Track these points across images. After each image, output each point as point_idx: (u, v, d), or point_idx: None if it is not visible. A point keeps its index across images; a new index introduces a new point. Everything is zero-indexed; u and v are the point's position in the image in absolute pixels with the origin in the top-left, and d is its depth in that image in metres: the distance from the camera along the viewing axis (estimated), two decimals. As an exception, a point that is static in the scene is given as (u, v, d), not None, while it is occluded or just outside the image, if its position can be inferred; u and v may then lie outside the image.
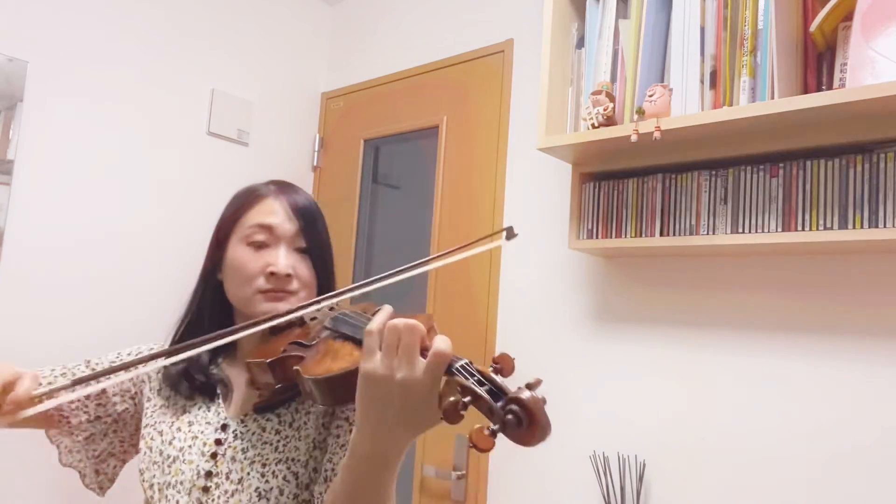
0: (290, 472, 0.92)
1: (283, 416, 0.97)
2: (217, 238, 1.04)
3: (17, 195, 1.82)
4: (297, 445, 0.94)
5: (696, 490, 1.50)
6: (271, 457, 0.93)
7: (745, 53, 1.31)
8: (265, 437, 0.94)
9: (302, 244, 1.00)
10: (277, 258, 0.96)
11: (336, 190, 2.50)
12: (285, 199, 1.01)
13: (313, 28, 2.60)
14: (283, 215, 0.99)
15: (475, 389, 0.65)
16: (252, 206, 1.01)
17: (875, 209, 1.21)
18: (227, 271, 1.00)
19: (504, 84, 2.01)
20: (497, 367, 0.70)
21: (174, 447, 0.95)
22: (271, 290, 0.96)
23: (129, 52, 2.06)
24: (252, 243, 0.98)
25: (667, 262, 1.61)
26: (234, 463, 0.92)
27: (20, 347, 1.83)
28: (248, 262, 0.97)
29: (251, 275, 0.96)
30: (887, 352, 1.31)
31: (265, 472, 0.92)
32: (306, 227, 1.00)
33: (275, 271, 0.95)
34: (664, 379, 1.58)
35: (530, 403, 0.62)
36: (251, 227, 0.98)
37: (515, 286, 1.91)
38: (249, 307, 0.97)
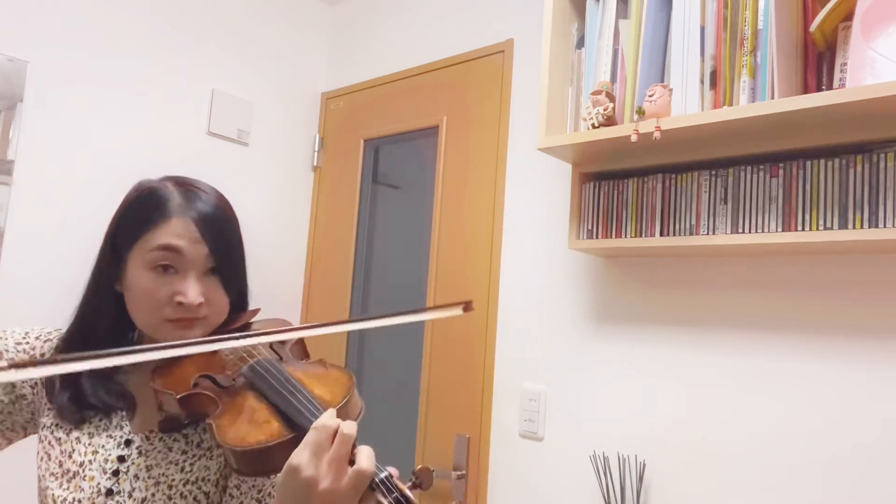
0: (200, 492, 0.89)
1: (191, 437, 0.92)
2: (113, 246, 0.95)
3: (17, 195, 1.83)
4: (206, 465, 0.91)
5: (696, 490, 1.50)
6: (177, 477, 0.89)
7: (745, 53, 1.31)
8: (171, 457, 0.90)
9: (211, 265, 0.92)
10: (186, 288, 0.89)
11: (336, 190, 2.50)
12: (193, 213, 0.92)
13: (313, 28, 2.60)
14: (190, 237, 0.90)
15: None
16: (156, 225, 0.90)
17: (875, 209, 1.21)
18: (129, 291, 0.92)
19: (504, 84, 2.01)
20: (416, 482, 0.73)
21: (74, 461, 0.89)
22: (180, 319, 0.90)
23: (129, 52, 2.06)
24: (157, 267, 0.89)
25: (667, 262, 1.61)
26: (138, 481, 0.88)
27: (20, 347, 1.83)
28: (153, 289, 0.89)
29: (158, 303, 0.89)
30: (888, 352, 1.31)
31: (172, 493, 0.88)
32: (216, 246, 0.92)
33: (183, 302, 0.88)
34: (664, 379, 1.58)
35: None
36: (156, 249, 0.89)
37: (515, 286, 1.91)
38: (156, 334, 0.91)
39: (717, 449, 1.48)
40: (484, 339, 1.94)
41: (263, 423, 0.79)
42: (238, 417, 0.81)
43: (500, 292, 1.94)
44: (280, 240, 2.47)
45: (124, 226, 0.95)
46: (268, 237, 2.43)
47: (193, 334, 0.90)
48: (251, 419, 0.81)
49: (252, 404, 0.83)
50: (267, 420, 0.80)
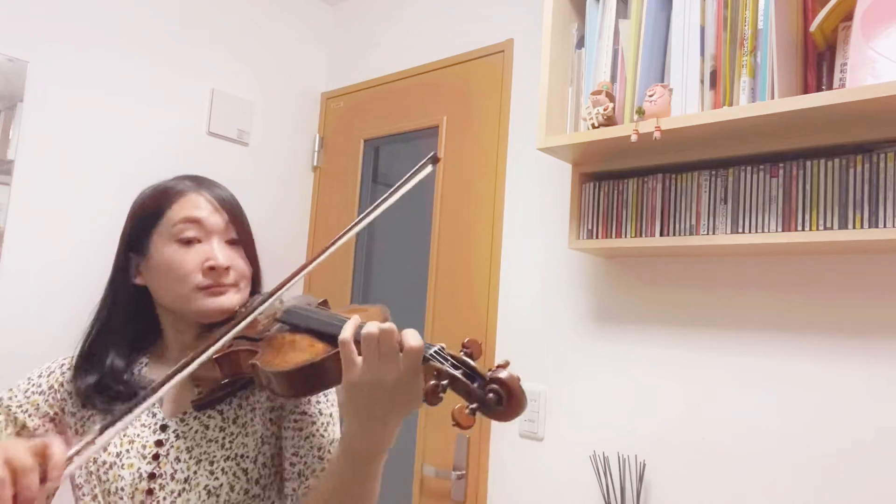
0: (239, 469, 0.91)
1: (226, 413, 0.95)
2: (130, 241, 0.98)
3: (17, 195, 1.83)
4: (244, 442, 0.93)
5: (696, 490, 1.50)
6: (218, 454, 0.91)
7: (745, 53, 1.31)
8: (209, 434, 0.92)
9: (233, 235, 0.97)
10: (214, 252, 0.93)
11: (336, 190, 2.50)
12: (207, 192, 0.97)
13: (313, 28, 2.60)
14: (210, 208, 0.95)
15: (451, 373, 0.71)
16: (172, 203, 0.95)
17: (875, 209, 1.21)
18: (154, 273, 0.95)
19: (504, 84, 2.01)
20: (468, 352, 0.74)
21: (109, 453, 0.91)
22: (212, 285, 0.92)
23: (129, 52, 2.06)
24: (181, 240, 0.93)
25: (667, 262, 1.61)
26: (179, 463, 0.90)
27: (20, 347, 1.83)
28: (182, 259, 0.92)
29: (188, 272, 0.92)
30: (888, 351, 1.31)
31: (213, 469, 0.90)
32: (234, 218, 0.98)
33: (214, 265, 0.92)
34: (664, 379, 1.58)
35: (509, 381, 0.69)
36: (178, 223, 0.93)
37: (515, 286, 1.91)
38: (188, 305, 0.93)
39: (717, 449, 1.48)
40: (484, 339, 1.94)
41: (307, 347, 0.83)
42: (281, 350, 0.84)
43: (500, 292, 1.94)
44: (280, 240, 2.47)
45: (140, 219, 0.97)
46: (268, 237, 2.42)
47: (230, 298, 0.94)
48: (294, 348, 0.84)
49: (291, 338, 0.86)
50: (310, 344, 0.83)
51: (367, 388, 0.74)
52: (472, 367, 0.72)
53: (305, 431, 0.93)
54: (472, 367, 0.72)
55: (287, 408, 0.96)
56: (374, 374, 0.73)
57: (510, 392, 0.68)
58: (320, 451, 0.92)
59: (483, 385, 0.70)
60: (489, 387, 0.69)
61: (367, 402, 0.75)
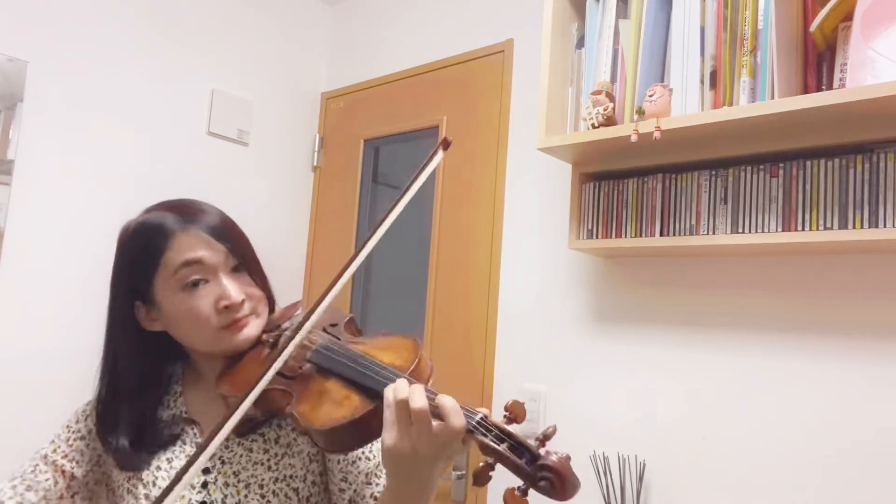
0: (290, 489, 0.91)
1: (268, 435, 0.94)
2: (130, 289, 0.95)
3: (17, 195, 1.82)
4: (290, 462, 0.92)
5: (696, 490, 1.50)
6: (266, 476, 0.91)
7: (745, 53, 1.31)
8: (254, 457, 0.92)
9: (235, 263, 0.93)
10: (225, 290, 0.90)
11: (336, 190, 2.50)
12: (196, 227, 0.91)
13: (313, 28, 2.60)
14: (205, 243, 0.91)
15: (498, 449, 0.69)
16: (166, 248, 0.90)
17: (875, 209, 1.21)
18: (172, 323, 0.92)
19: (504, 84, 2.01)
20: (510, 416, 0.72)
21: (159, 488, 0.89)
22: (232, 323, 0.91)
23: (129, 52, 2.06)
24: (187, 286, 0.89)
25: (667, 262, 1.61)
26: (228, 488, 0.89)
27: (20, 347, 1.83)
28: (195, 306, 0.89)
29: (205, 317, 0.89)
30: (888, 351, 1.31)
31: (264, 492, 0.90)
32: (232, 245, 0.93)
33: (228, 304, 0.90)
34: (664, 379, 1.58)
35: (559, 467, 0.66)
36: (179, 268, 0.89)
37: (515, 286, 1.90)
38: (216, 345, 0.92)
39: (717, 449, 1.48)
40: (484, 339, 1.94)
41: (343, 400, 0.80)
42: (317, 401, 0.82)
43: (500, 292, 1.94)
44: (280, 240, 2.47)
45: (137, 267, 0.94)
46: (268, 237, 2.42)
47: (251, 329, 0.92)
48: (330, 399, 0.81)
49: (326, 386, 0.84)
50: (346, 396, 0.81)
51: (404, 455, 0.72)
52: (519, 440, 0.69)
53: (352, 456, 0.93)
54: (518, 441, 0.69)
55: None
56: (412, 445, 0.72)
57: (562, 479, 0.66)
58: (367, 477, 0.92)
59: (531, 461, 0.68)
60: (540, 474, 0.67)
61: (407, 465, 0.74)
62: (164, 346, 0.97)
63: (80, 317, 1.94)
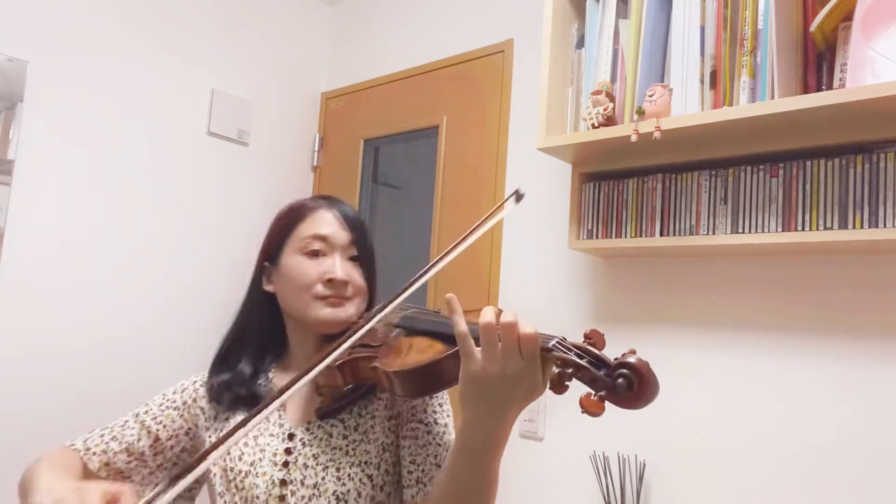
0: (364, 475, 0.95)
1: (348, 422, 1.00)
2: (266, 251, 1.07)
3: (17, 195, 1.83)
4: (367, 449, 0.97)
5: (696, 490, 1.50)
6: (344, 461, 0.96)
7: (745, 53, 1.31)
8: (333, 442, 0.97)
9: (354, 253, 1.04)
10: (334, 266, 1.00)
11: (336, 190, 2.50)
12: (337, 211, 1.05)
13: (313, 28, 2.60)
14: (337, 225, 1.03)
15: (576, 361, 0.70)
16: (305, 218, 1.04)
17: (875, 209, 1.21)
18: (281, 281, 1.03)
19: (504, 84, 2.01)
20: (591, 342, 0.73)
21: (244, 462, 0.97)
22: (330, 296, 0.99)
23: (129, 52, 2.06)
24: (308, 252, 1.01)
25: (667, 262, 1.61)
26: (307, 469, 0.95)
27: (20, 347, 1.83)
28: (305, 270, 1.00)
29: (310, 282, 0.99)
30: (888, 351, 1.31)
31: (340, 475, 0.95)
32: (358, 237, 1.04)
33: (333, 278, 0.99)
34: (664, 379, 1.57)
35: (639, 365, 0.67)
36: (306, 237, 1.01)
37: (515, 286, 1.90)
38: (307, 313, 1.00)
39: (717, 449, 1.48)
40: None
41: (427, 348, 0.85)
42: (400, 353, 0.87)
43: (500, 292, 1.94)
44: (280, 240, 2.47)
45: (276, 233, 1.06)
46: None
47: (347, 310, 1.01)
48: (415, 349, 0.86)
49: (410, 341, 0.89)
50: (429, 345, 0.86)
51: (486, 381, 0.75)
52: (597, 355, 0.70)
53: (422, 440, 0.97)
54: (596, 356, 0.70)
55: (404, 416, 1.00)
56: (493, 366, 0.74)
57: (640, 376, 0.67)
58: (436, 459, 0.96)
59: (610, 372, 0.68)
60: (617, 371, 0.67)
61: (487, 395, 0.75)
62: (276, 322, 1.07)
63: (80, 316, 1.94)
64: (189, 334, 2.19)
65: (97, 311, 1.98)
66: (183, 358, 2.17)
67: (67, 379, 1.92)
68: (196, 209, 2.21)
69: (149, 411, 1.05)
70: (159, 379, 2.10)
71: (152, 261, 2.10)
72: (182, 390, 1.08)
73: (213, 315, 2.26)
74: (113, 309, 2.01)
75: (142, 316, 2.07)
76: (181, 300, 2.17)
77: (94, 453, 1.00)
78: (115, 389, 2.00)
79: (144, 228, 2.09)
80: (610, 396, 0.68)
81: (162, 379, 2.13)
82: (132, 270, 2.05)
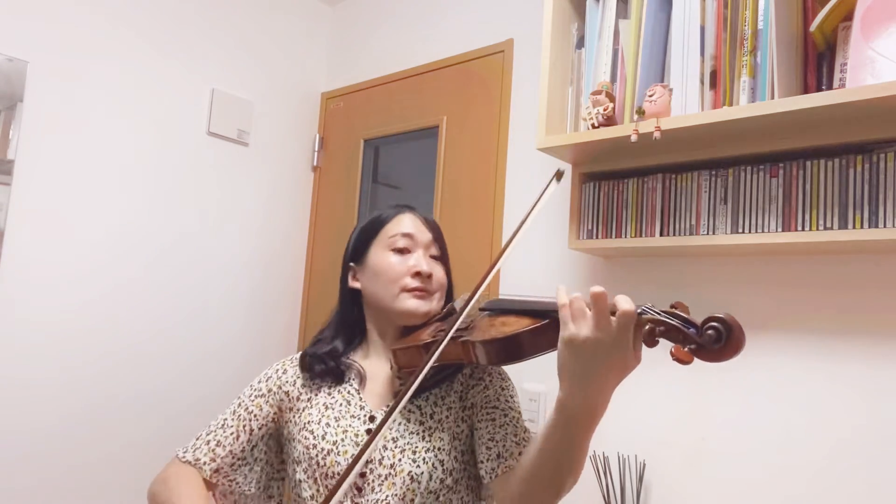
0: (436, 460, 1.03)
1: (424, 409, 1.08)
2: (352, 252, 1.17)
3: (17, 195, 1.83)
4: (440, 436, 1.05)
5: (696, 490, 1.50)
6: (419, 445, 1.04)
7: (745, 53, 1.31)
8: (410, 427, 1.06)
9: (435, 252, 1.15)
10: (420, 261, 1.11)
11: (336, 190, 2.50)
12: (417, 215, 1.17)
13: (313, 28, 2.60)
14: (419, 226, 1.15)
15: (667, 321, 0.76)
16: (389, 220, 1.15)
17: (875, 209, 1.21)
18: (369, 275, 1.13)
19: (504, 84, 2.01)
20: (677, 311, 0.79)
21: (327, 441, 1.05)
22: (416, 289, 1.09)
23: (129, 52, 2.06)
24: (395, 249, 1.11)
25: (667, 263, 1.61)
26: (386, 451, 1.03)
27: (20, 347, 1.83)
28: (394, 264, 1.10)
29: (398, 274, 1.10)
30: (888, 351, 1.31)
31: (416, 458, 1.02)
32: (438, 237, 1.17)
33: (420, 271, 1.09)
34: (664, 379, 1.58)
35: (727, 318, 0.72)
36: (393, 235, 1.12)
37: (515, 286, 1.90)
38: (394, 304, 1.10)
39: (717, 449, 1.48)
40: (484, 339, 1.94)
41: (514, 322, 0.91)
42: (490, 327, 0.94)
43: (500, 292, 1.94)
44: (280, 240, 2.47)
45: (362, 237, 1.17)
46: (268, 237, 2.43)
47: (432, 303, 1.11)
48: (503, 324, 0.92)
49: (499, 319, 0.95)
50: (517, 319, 0.92)
51: (583, 350, 0.79)
52: (686, 317, 0.75)
53: (499, 421, 1.04)
54: (685, 318, 0.75)
55: (478, 405, 1.08)
56: (586, 330, 0.79)
57: (729, 328, 0.71)
58: (516, 437, 1.02)
59: (699, 328, 0.73)
60: (708, 324, 0.72)
61: (584, 365, 0.80)
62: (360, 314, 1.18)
63: (80, 316, 1.94)
64: (189, 333, 2.19)
65: (97, 311, 1.98)
66: (183, 357, 2.17)
67: (68, 378, 1.92)
68: (196, 209, 2.21)
69: (241, 403, 1.14)
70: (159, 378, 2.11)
71: (152, 260, 2.10)
72: (266, 379, 1.16)
73: (214, 314, 2.26)
74: (113, 308, 2.01)
75: (142, 315, 2.07)
76: (181, 299, 2.17)
77: (203, 462, 1.09)
78: (115, 389, 2.00)
79: (144, 228, 2.09)
80: (699, 350, 0.73)
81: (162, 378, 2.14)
82: (132, 270, 2.05)
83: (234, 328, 2.31)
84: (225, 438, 1.11)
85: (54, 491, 1.87)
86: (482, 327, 0.96)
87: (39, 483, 1.84)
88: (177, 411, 2.13)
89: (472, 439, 1.08)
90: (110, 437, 1.99)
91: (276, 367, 1.19)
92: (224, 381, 2.25)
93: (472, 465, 1.08)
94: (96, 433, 1.96)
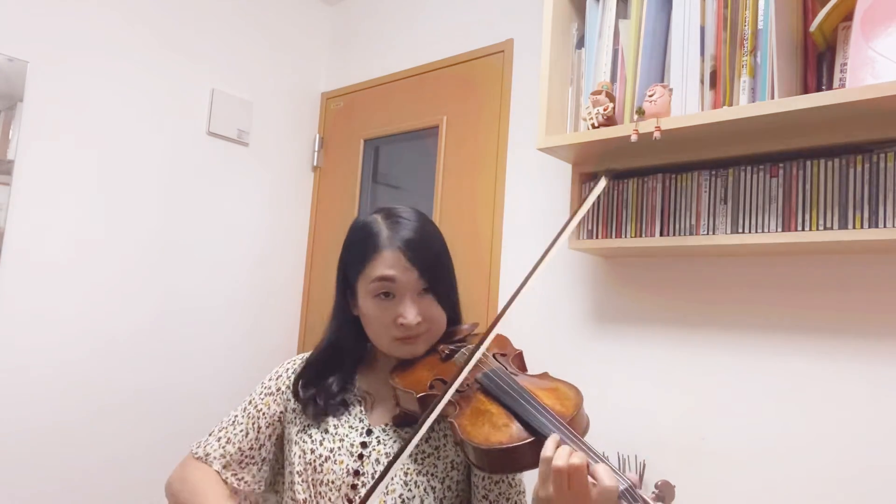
0: (428, 486, 1.01)
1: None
2: (345, 278, 1.11)
3: (17, 195, 1.83)
4: (434, 463, 1.02)
5: (696, 490, 1.50)
6: (412, 468, 1.01)
7: (745, 53, 1.31)
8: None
9: (423, 286, 1.04)
10: (405, 311, 1.03)
11: (336, 190, 2.50)
12: (399, 244, 1.03)
13: (313, 28, 2.60)
14: (401, 266, 1.02)
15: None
16: (373, 257, 1.04)
17: (875, 209, 1.21)
18: (363, 317, 1.08)
19: (504, 84, 2.01)
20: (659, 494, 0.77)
21: (325, 448, 1.04)
22: (404, 337, 1.04)
23: (129, 52, 2.06)
24: (377, 296, 1.03)
25: (667, 262, 1.61)
26: (379, 465, 1.01)
27: (20, 347, 1.83)
28: (379, 315, 1.04)
29: (385, 326, 1.04)
30: (888, 351, 1.31)
31: (407, 480, 1.00)
32: (424, 268, 1.04)
33: (404, 323, 1.03)
34: (664, 379, 1.58)
35: None
36: (374, 281, 1.03)
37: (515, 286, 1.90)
38: (387, 349, 1.07)
39: (717, 449, 1.48)
40: (484, 339, 1.94)
41: (503, 426, 0.87)
42: (478, 419, 0.89)
43: (500, 292, 1.94)
44: (280, 240, 2.47)
45: (349, 262, 1.09)
46: (268, 237, 2.43)
47: (418, 347, 1.06)
48: (490, 421, 0.88)
49: (488, 408, 0.91)
50: (506, 424, 0.87)
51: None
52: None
53: (495, 477, 1.01)
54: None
55: None
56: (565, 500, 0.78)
57: None
58: (508, 501, 1.00)
59: None
60: None
61: None
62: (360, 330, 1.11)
63: (80, 316, 1.94)
64: (190, 334, 2.19)
65: (98, 311, 1.98)
66: (183, 357, 2.17)
67: (68, 378, 1.92)
68: (196, 209, 2.21)
69: (252, 401, 1.14)
70: (159, 378, 2.10)
71: (152, 260, 2.10)
72: (277, 377, 1.15)
73: (214, 314, 2.26)
74: (113, 308, 2.01)
75: (142, 316, 2.07)
76: (182, 300, 2.17)
77: (214, 458, 1.10)
78: (115, 389, 2.00)
79: (144, 228, 2.09)
80: None
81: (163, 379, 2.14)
82: (132, 270, 2.05)
83: (234, 328, 2.31)
84: (235, 435, 1.11)
85: (54, 491, 1.86)
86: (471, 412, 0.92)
87: (39, 483, 1.84)
88: (177, 411, 2.13)
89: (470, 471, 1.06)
90: (110, 436, 1.99)
91: (286, 365, 1.17)
92: (224, 380, 2.25)
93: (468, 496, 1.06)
94: (96, 433, 1.96)
